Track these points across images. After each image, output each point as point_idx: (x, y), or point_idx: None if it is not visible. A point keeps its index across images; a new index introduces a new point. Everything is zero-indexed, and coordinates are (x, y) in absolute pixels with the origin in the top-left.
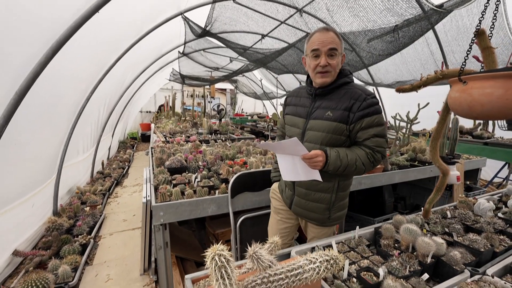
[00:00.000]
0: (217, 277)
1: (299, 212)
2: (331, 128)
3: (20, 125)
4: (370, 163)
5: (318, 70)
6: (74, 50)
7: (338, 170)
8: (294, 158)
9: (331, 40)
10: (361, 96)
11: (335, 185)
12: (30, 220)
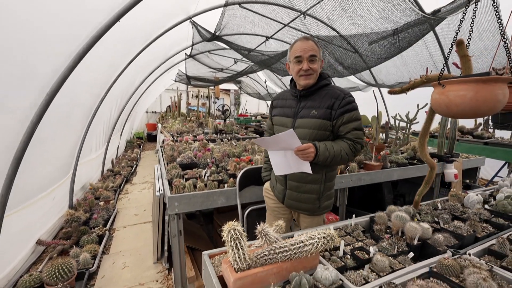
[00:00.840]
0: (233, 247)
1: (292, 204)
2: (316, 125)
3: (44, 125)
4: (352, 153)
5: (302, 73)
6: (91, 58)
7: (327, 161)
8: (286, 152)
9: (311, 47)
10: (340, 95)
11: (323, 176)
12: (51, 212)
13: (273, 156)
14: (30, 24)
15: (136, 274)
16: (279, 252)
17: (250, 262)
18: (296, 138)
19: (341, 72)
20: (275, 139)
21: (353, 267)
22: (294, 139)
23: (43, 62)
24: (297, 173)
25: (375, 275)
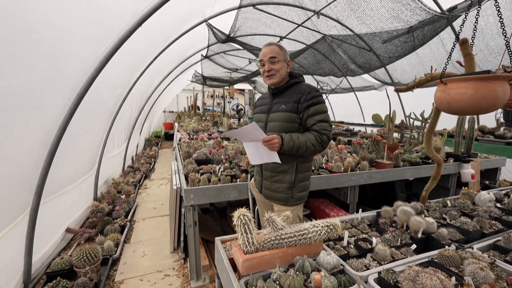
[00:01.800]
0: (242, 231)
1: (267, 194)
2: (285, 118)
3: (74, 123)
4: (318, 144)
5: (266, 74)
6: (115, 61)
7: (292, 150)
8: (257, 143)
9: (271, 50)
10: (306, 90)
11: (294, 167)
12: (78, 203)
13: (247, 147)
14: (63, 30)
15: (154, 262)
16: (285, 238)
17: (258, 246)
18: (260, 130)
19: (355, 70)
20: (243, 131)
21: (356, 255)
22: (258, 131)
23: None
24: (270, 163)
25: (376, 264)
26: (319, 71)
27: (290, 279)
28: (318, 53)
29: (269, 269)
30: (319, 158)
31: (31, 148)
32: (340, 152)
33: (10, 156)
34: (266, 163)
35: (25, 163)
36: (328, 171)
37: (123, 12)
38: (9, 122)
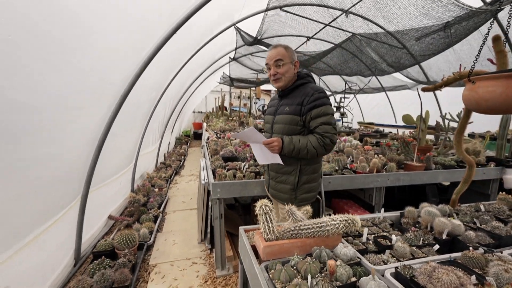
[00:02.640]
0: (263, 220)
1: (273, 194)
2: (288, 120)
3: (117, 123)
4: (321, 147)
5: (272, 78)
6: (151, 66)
7: (293, 153)
8: (261, 145)
9: (277, 53)
10: (310, 92)
11: (298, 169)
12: (118, 194)
13: (254, 148)
14: (108, 39)
15: (183, 250)
16: (304, 229)
17: (278, 235)
18: (258, 134)
19: (385, 69)
20: (244, 134)
21: (374, 251)
22: (256, 134)
23: (117, 72)
24: (275, 164)
25: (395, 260)
26: (346, 70)
27: (307, 265)
28: (345, 53)
29: (287, 257)
30: (344, 159)
31: (83, 143)
32: (367, 153)
33: (66, 151)
34: (272, 164)
35: (78, 156)
36: (352, 172)
37: (160, 21)
38: (65, 121)
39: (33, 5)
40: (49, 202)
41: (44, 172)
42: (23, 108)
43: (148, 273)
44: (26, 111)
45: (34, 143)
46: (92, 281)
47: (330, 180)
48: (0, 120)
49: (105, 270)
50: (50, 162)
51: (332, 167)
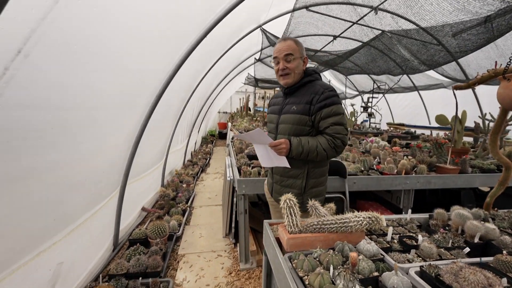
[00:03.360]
0: (287, 214)
1: (277, 198)
2: (295, 120)
3: (151, 121)
4: (331, 149)
5: (280, 73)
6: (182, 69)
7: (302, 155)
8: (267, 147)
9: (287, 47)
10: (319, 90)
11: (305, 172)
12: (150, 188)
13: (258, 149)
14: (145, 47)
15: (209, 243)
16: (327, 224)
17: (301, 229)
18: (265, 135)
19: (416, 67)
20: (248, 135)
21: (399, 250)
22: (264, 136)
23: (152, 76)
24: (280, 167)
25: (420, 260)
26: (374, 69)
27: (329, 257)
28: (373, 51)
29: (310, 249)
30: (370, 159)
31: (122, 139)
32: (395, 155)
33: (110, 146)
34: (277, 167)
35: (119, 151)
36: (379, 173)
37: (191, 27)
38: (111, 119)
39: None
40: (96, 191)
41: (93, 163)
42: (81, 106)
43: (177, 262)
44: (83, 108)
45: (88, 138)
46: (129, 265)
47: (355, 181)
48: (63, 117)
49: (140, 256)
50: (98, 154)
51: (358, 167)
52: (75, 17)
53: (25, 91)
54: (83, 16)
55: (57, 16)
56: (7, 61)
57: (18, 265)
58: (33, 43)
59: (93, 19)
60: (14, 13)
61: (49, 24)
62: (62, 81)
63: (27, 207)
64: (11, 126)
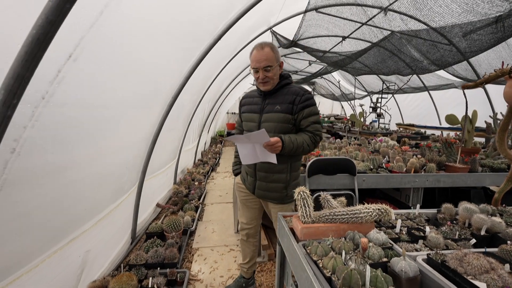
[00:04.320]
0: (301, 205)
1: (262, 194)
2: (280, 118)
3: (166, 121)
4: (312, 144)
5: (259, 81)
6: (194, 73)
7: (291, 151)
8: (255, 145)
9: (265, 57)
10: (300, 92)
11: (289, 166)
12: (164, 185)
13: (241, 148)
14: (160, 54)
15: (221, 238)
16: (338, 215)
17: (314, 219)
18: (267, 136)
19: (426, 67)
20: (248, 136)
21: (407, 241)
22: (265, 136)
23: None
24: (265, 164)
25: (428, 249)
26: (383, 69)
27: (341, 243)
28: (382, 51)
29: (323, 238)
30: (380, 158)
31: (140, 138)
32: (404, 154)
33: (131, 144)
34: (261, 165)
35: (137, 149)
36: (388, 171)
37: (203, 35)
38: (130, 119)
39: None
40: (119, 185)
41: (117, 159)
42: (106, 107)
43: (192, 255)
44: (107, 110)
45: (114, 135)
46: (147, 256)
47: (364, 178)
48: (93, 116)
49: (157, 248)
50: (122, 151)
51: (367, 165)
52: (112, 28)
53: (70, 91)
54: (116, 28)
55: (100, 25)
56: (60, 65)
57: (54, 249)
58: (81, 48)
59: (123, 31)
60: (70, 21)
61: (94, 32)
62: (96, 82)
63: (65, 196)
64: (58, 121)
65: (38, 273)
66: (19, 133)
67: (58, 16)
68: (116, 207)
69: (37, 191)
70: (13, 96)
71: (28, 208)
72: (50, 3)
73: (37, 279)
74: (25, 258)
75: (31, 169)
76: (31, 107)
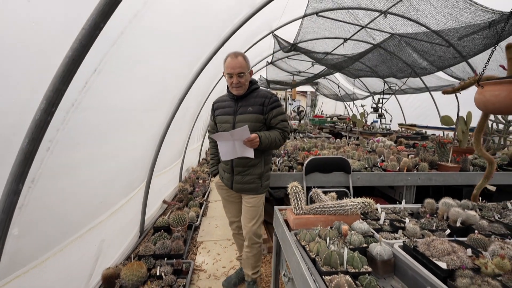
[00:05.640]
0: (293, 198)
1: (239, 188)
2: (253, 118)
3: (173, 122)
4: (282, 139)
5: (233, 86)
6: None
7: (267, 146)
8: (235, 142)
9: (239, 65)
10: (268, 95)
11: (262, 160)
12: (170, 183)
13: (222, 145)
14: (168, 59)
15: (224, 232)
16: (327, 207)
17: (305, 211)
18: (248, 132)
19: (427, 68)
20: (232, 133)
21: (388, 231)
22: (246, 133)
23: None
24: (242, 159)
25: (406, 238)
26: (381, 72)
27: (327, 231)
28: (382, 52)
29: (313, 227)
30: (375, 157)
31: (149, 137)
32: (399, 153)
33: (140, 143)
34: (238, 161)
35: (145, 148)
36: (382, 170)
37: (210, 40)
38: (142, 120)
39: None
40: (130, 180)
41: (129, 156)
42: (120, 110)
43: (196, 247)
44: (121, 112)
45: (126, 134)
46: (155, 247)
47: (359, 176)
48: (109, 118)
49: (164, 240)
50: (133, 149)
51: (362, 164)
52: (129, 44)
53: (93, 97)
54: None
55: (121, 42)
56: (87, 76)
57: (75, 236)
58: (104, 63)
59: (138, 46)
60: (97, 42)
61: (115, 48)
62: (113, 89)
63: (84, 190)
64: (80, 124)
65: (62, 256)
66: (53, 135)
67: (89, 40)
68: (126, 202)
69: (61, 185)
70: (52, 105)
71: (55, 198)
72: (83, 31)
73: (62, 261)
74: (52, 242)
75: (58, 165)
76: (63, 113)
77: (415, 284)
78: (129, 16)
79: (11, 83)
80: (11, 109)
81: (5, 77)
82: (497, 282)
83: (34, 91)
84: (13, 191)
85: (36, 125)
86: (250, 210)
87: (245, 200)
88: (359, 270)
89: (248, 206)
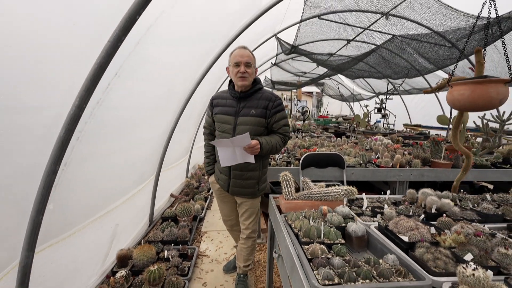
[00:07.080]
0: (284, 185)
1: (236, 191)
2: (255, 122)
3: (180, 121)
4: (283, 144)
5: (239, 75)
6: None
7: (267, 152)
8: (236, 148)
9: (248, 55)
10: (272, 98)
11: (260, 164)
12: (177, 178)
13: (222, 151)
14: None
15: None
16: (314, 194)
17: (295, 197)
18: (249, 139)
19: (427, 67)
20: (232, 140)
21: (369, 215)
22: (247, 140)
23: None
24: (240, 164)
25: (383, 221)
26: (387, 71)
27: (311, 212)
28: (384, 52)
29: (300, 211)
30: (369, 154)
31: (158, 134)
32: (394, 151)
33: (150, 139)
34: (237, 164)
35: (155, 144)
36: (376, 166)
37: (217, 42)
38: (152, 118)
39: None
40: (141, 172)
41: (140, 151)
42: (134, 108)
43: (201, 236)
44: (135, 110)
45: (139, 131)
46: (163, 234)
47: (353, 172)
48: (125, 116)
49: (171, 228)
50: (144, 144)
51: (357, 161)
52: (144, 51)
53: (113, 97)
54: (147, 52)
55: (138, 50)
56: (109, 79)
57: (94, 217)
58: (123, 68)
59: (152, 53)
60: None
61: (133, 56)
62: (129, 90)
63: (102, 177)
64: (104, 121)
65: (82, 235)
66: (82, 127)
67: (113, 50)
68: (137, 192)
69: (87, 170)
70: (84, 102)
71: (80, 181)
72: (108, 43)
73: (82, 239)
74: (74, 221)
75: (85, 153)
76: (91, 109)
77: (383, 255)
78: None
79: (52, 84)
80: (53, 104)
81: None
82: (448, 251)
83: (68, 91)
84: (52, 171)
85: (71, 118)
86: (246, 211)
87: (241, 202)
88: (333, 242)
89: (245, 208)
